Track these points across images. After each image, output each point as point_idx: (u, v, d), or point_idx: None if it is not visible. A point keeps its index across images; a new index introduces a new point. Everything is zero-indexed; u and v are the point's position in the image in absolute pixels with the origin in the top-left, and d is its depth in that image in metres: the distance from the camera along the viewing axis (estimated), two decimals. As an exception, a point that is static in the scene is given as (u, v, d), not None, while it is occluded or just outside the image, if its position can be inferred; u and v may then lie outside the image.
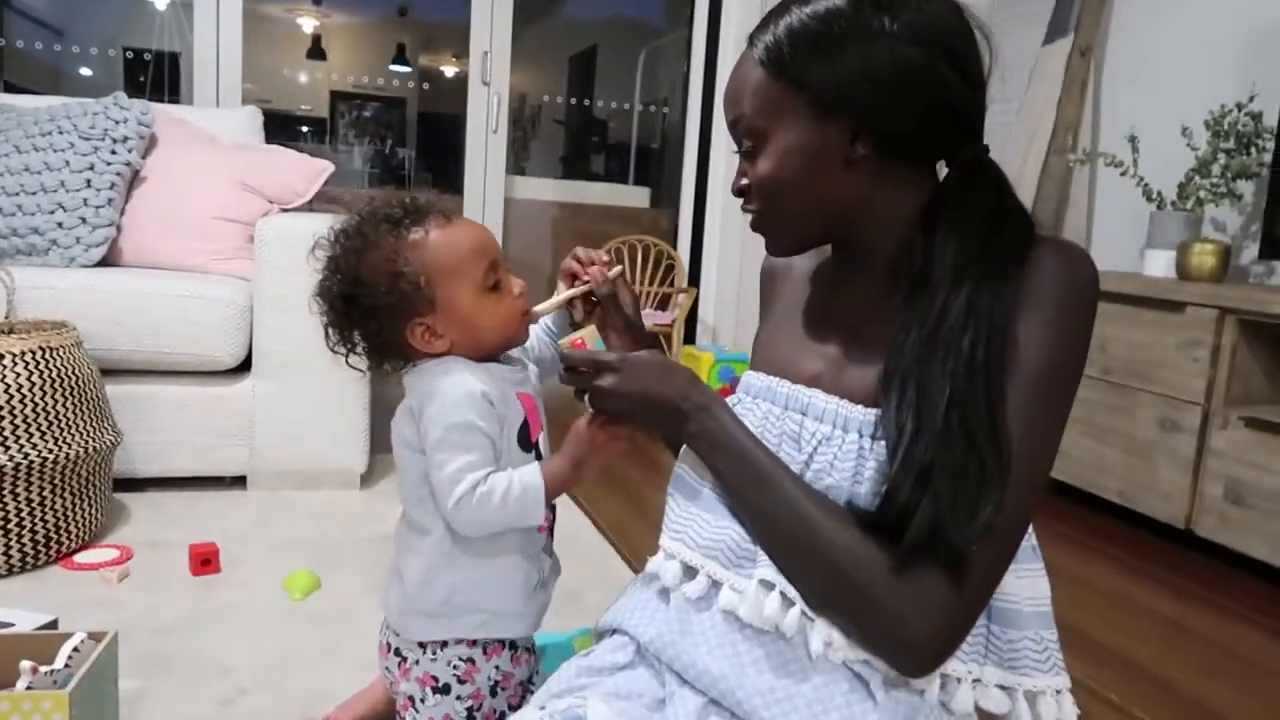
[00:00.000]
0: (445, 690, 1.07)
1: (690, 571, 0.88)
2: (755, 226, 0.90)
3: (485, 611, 1.07)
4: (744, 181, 0.88)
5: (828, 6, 0.80)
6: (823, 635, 0.80)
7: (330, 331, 1.07)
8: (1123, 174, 2.69)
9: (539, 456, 1.09)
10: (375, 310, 1.02)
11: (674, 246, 4.37)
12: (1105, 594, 1.99)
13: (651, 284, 4.25)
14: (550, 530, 1.13)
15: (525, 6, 4.08)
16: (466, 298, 1.03)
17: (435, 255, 1.02)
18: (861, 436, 0.82)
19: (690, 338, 4.27)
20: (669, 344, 4.00)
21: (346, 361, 1.08)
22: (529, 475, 1.01)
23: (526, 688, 1.13)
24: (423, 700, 1.07)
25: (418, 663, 1.07)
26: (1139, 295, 2.37)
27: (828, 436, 0.84)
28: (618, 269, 1.14)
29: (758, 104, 0.83)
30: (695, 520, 0.89)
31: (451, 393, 1.02)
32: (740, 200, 0.90)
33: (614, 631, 0.98)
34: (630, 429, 0.97)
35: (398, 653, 1.09)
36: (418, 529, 1.07)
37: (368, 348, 1.07)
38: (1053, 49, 3.16)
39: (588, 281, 1.13)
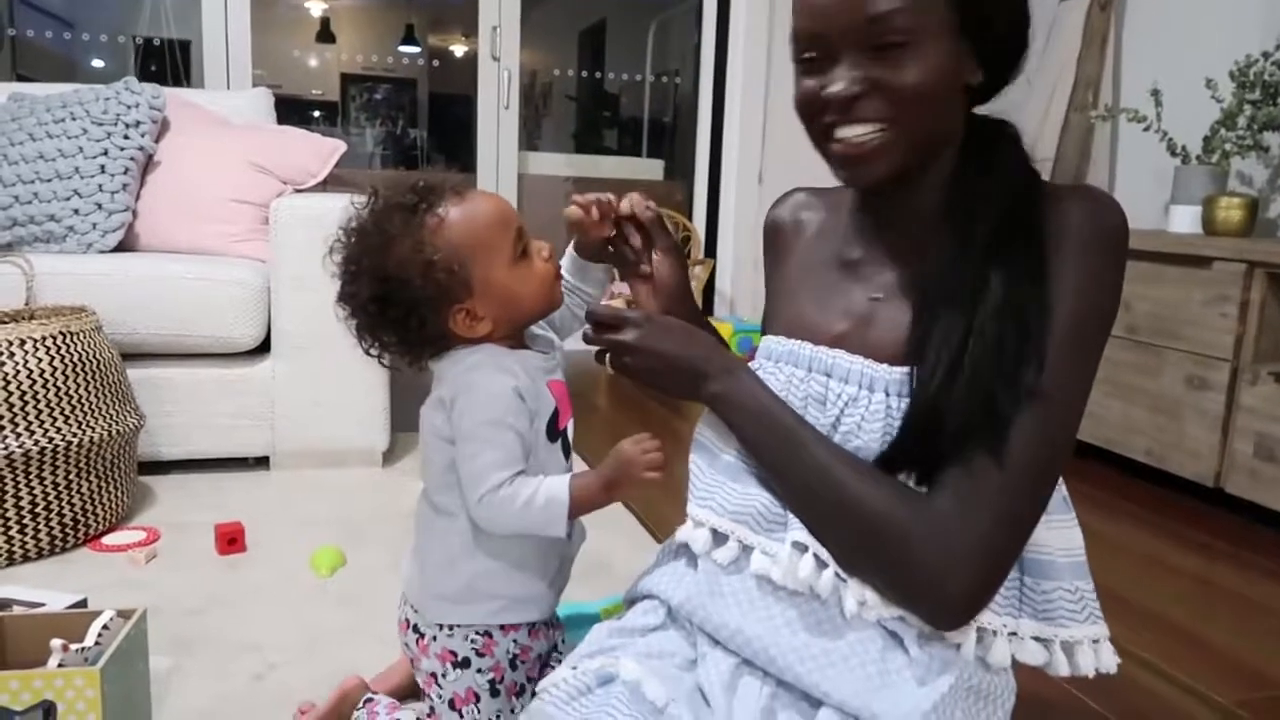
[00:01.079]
0: (465, 664, 1.07)
1: (720, 538, 0.88)
2: (868, 150, 0.80)
3: (505, 598, 1.07)
4: (862, 86, 0.78)
5: None
6: (856, 595, 0.80)
7: (362, 336, 1.03)
8: (1146, 129, 2.64)
9: (566, 445, 1.07)
10: (413, 305, 0.98)
11: (689, 218, 4.35)
12: (1135, 553, 1.97)
13: (668, 257, 4.22)
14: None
15: (534, -19, 4.04)
16: (501, 272, 1.00)
17: (462, 235, 0.99)
18: (889, 396, 0.81)
19: (708, 309, 4.25)
20: (687, 317, 3.97)
21: (380, 362, 1.05)
22: (556, 487, 0.98)
23: (546, 661, 1.13)
24: (444, 676, 1.07)
25: (435, 639, 1.07)
26: (1164, 252, 2.33)
27: (854, 397, 0.83)
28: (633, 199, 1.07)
29: (914, 9, 0.77)
30: (721, 487, 0.89)
31: (486, 388, 0.99)
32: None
33: (644, 597, 0.97)
34: (650, 387, 0.95)
35: (416, 629, 1.09)
36: (443, 514, 1.06)
37: (404, 345, 1.03)
38: (1071, 4, 3.09)
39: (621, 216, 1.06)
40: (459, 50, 5.25)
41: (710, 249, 4.37)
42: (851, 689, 0.78)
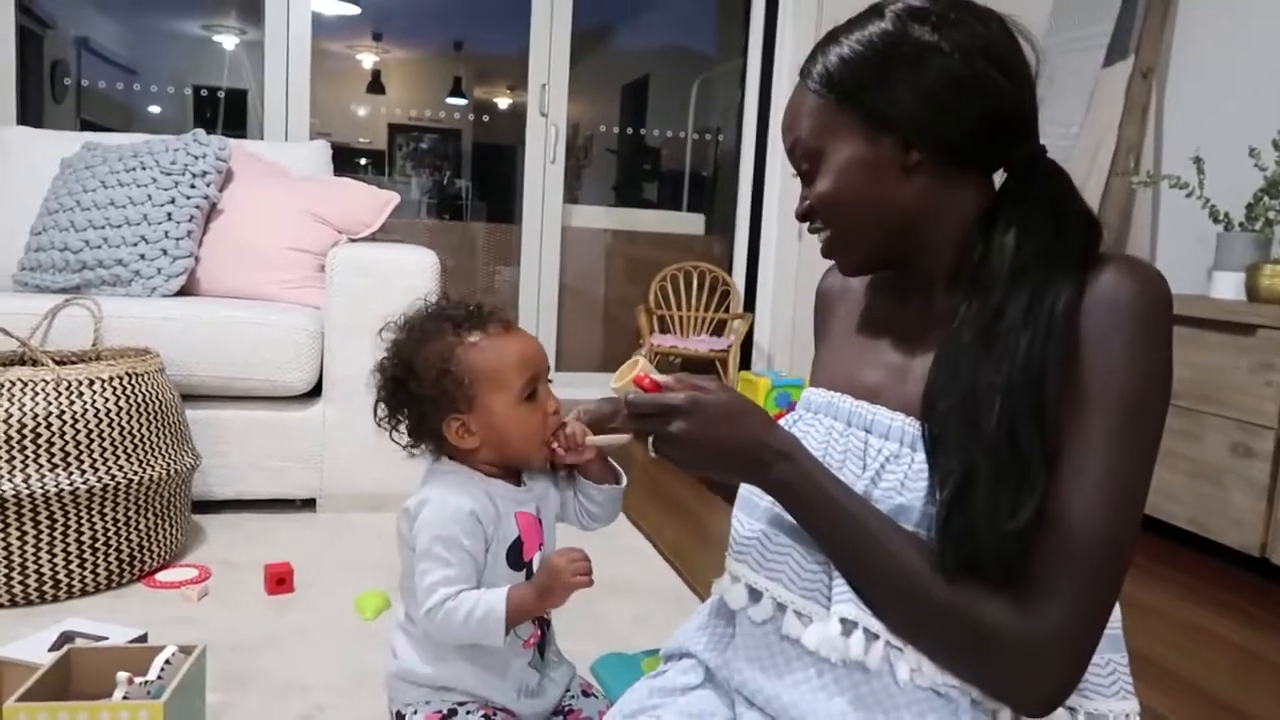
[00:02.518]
0: None
1: (755, 594, 0.88)
2: (825, 250, 0.90)
3: (472, 697, 1.13)
4: (806, 204, 0.88)
5: (873, 29, 0.83)
6: (910, 663, 0.80)
7: (379, 407, 1.15)
8: (1188, 195, 2.66)
9: (530, 575, 1.13)
10: (420, 399, 1.10)
11: (729, 272, 4.39)
12: (1176, 622, 1.95)
13: (707, 310, 4.27)
14: (540, 645, 1.17)
15: (579, 38, 4.16)
16: (501, 405, 1.10)
17: (483, 360, 1.10)
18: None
19: (746, 363, 4.28)
20: (724, 369, 4.01)
21: (390, 436, 1.15)
22: (494, 599, 1.06)
23: None
24: None
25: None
26: (1207, 318, 2.33)
27: (895, 454, 0.83)
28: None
29: (812, 126, 0.85)
30: (757, 540, 0.89)
31: (442, 505, 1.09)
32: (803, 226, 0.91)
33: (683, 655, 0.99)
34: (700, 477, 0.95)
35: (398, 715, 1.16)
36: (409, 618, 1.15)
37: (409, 429, 1.14)
38: (1113, 71, 3.13)
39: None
40: (503, 103, 5.39)
41: (750, 304, 4.41)
42: None
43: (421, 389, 1.10)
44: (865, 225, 0.86)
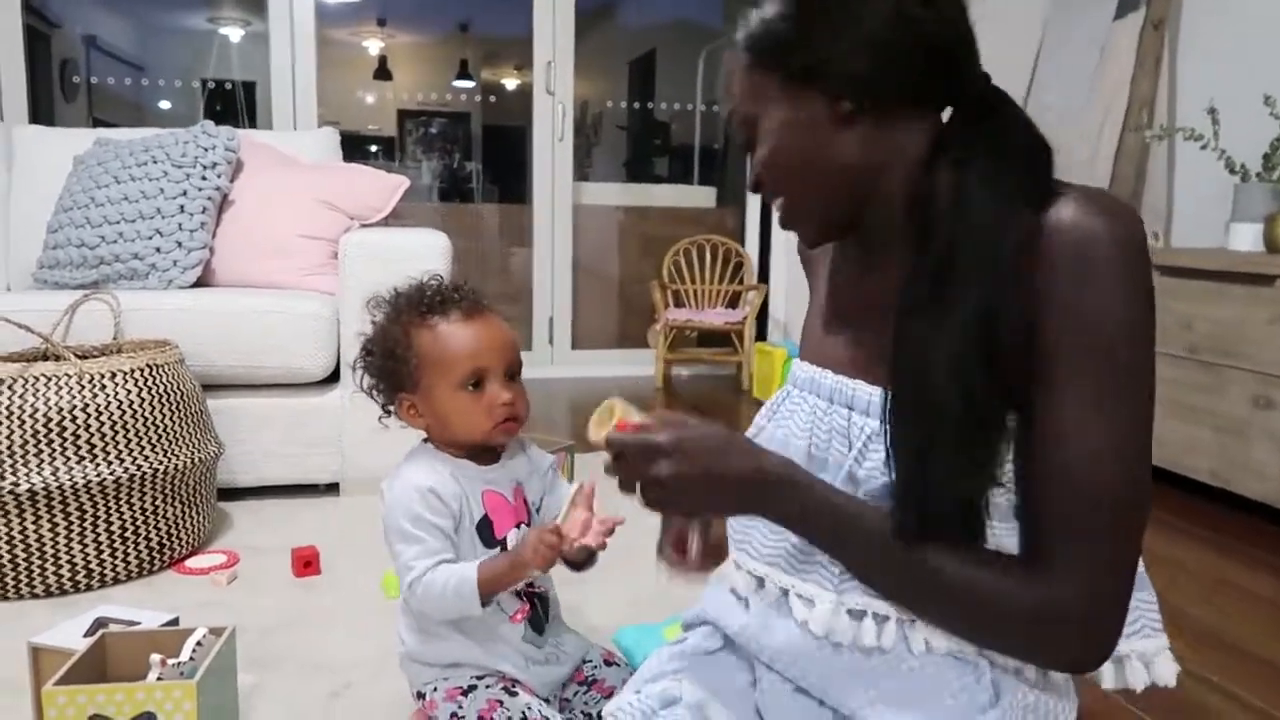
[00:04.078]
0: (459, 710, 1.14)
1: (759, 580, 0.88)
2: (782, 221, 0.87)
3: (484, 670, 1.16)
4: (755, 174, 0.85)
5: None
6: (924, 634, 0.80)
7: (354, 367, 1.21)
8: (1203, 147, 2.62)
9: (505, 552, 1.14)
10: (377, 372, 1.17)
11: (742, 244, 4.39)
12: (1200, 576, 1.94)
13: (721, 282, 4.27)
14: (534, 620, 1.18)
15: (583, 16, 4.14)
16: (442, 391, 1.13)
17: (430, 345, 1.13)
18: None
19: (762, 334, 4.28)
20: (740, 341, 4.01)
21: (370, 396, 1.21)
22: (468, 570, 1.09)
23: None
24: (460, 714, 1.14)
25: (427, 697, 1.17)
26: (1226, 270, 2.30)
27: (876, 431, 0.80)
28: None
29: (741, 93, 0.83)
30: (755, 529, 0.88)
31: (402, 485, 1.14)
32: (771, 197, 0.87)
33: (702, 622, 1.00)
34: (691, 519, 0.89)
35: (419, 694, 1.19)
36: (406, 600, 1.17)
37: (380, 402, 1.20)
38: (1124, 24, 3.09)
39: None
40: (511, 84, 5.37)
41: (763, 275, 4.40)
42: None
43: (378, 365, 1.17)
44: (812, 188, 0.82)
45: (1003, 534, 0.76)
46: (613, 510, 1.07)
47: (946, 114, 0.80)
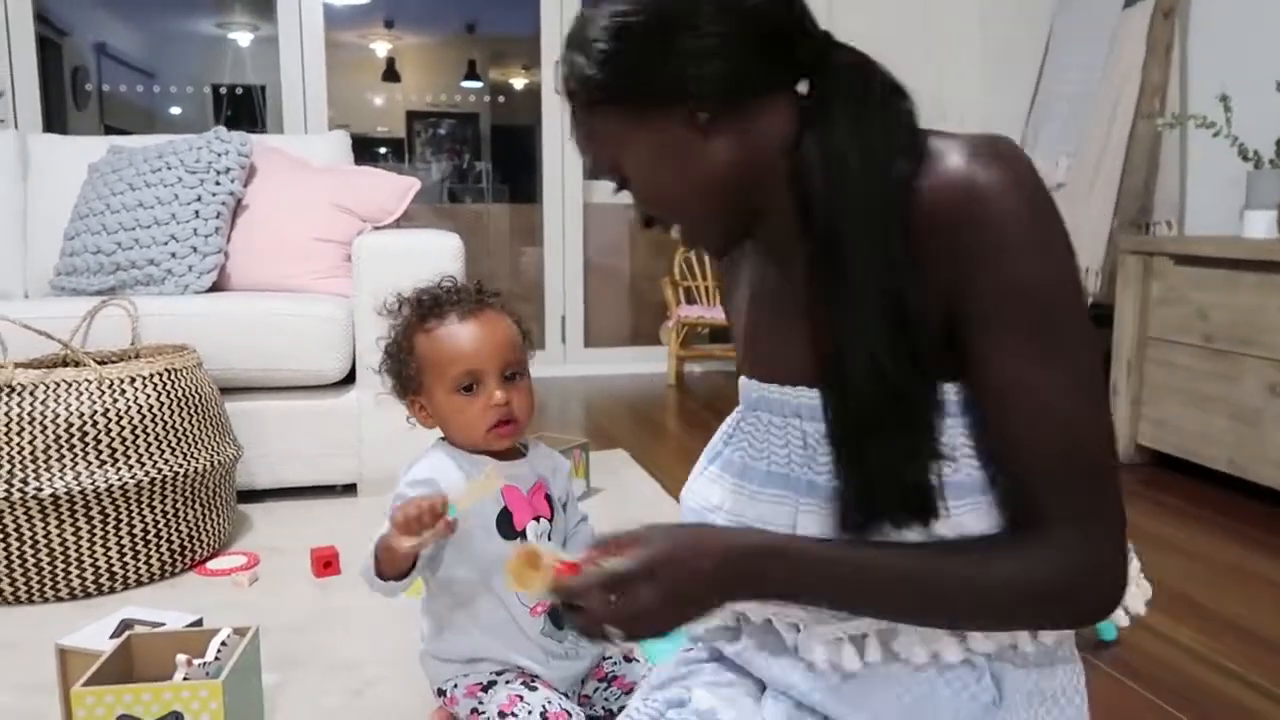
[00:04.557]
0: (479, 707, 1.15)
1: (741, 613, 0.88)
2: (684, 243, 0.87)
3: (503, 664, 1.17)
4: (642, 212, 0.84)
5: (583, 24, 0.78)
6: (908, 646, 0.79)
7: (379, 375, 1.22)
8: (1215, 135, 2.61)
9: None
10: (389, 376, 1.20)
11: (752, 240, 4.37)
12: (1217, 564, 1.94)
13: (731, 279, 4.26)
14: (553, 613, 1.17)
15: (592, 13, 4.14)
16: (438, 394, 1.15)
17: (428, 348, 1.15)
18: None
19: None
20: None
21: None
22: (376, 539, 1.11)
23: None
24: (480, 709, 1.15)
25: (447, 694, 1.20)
26: (1240, 258, 2.29)
27: (824, 434, 0.78)
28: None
29: (596, 139, 0.80)
30: None
31: (407, 475, 1.16)
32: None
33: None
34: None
35: (440, 691, 1.21)
36: (429, 596, 1.21)
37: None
38: (1133, 12, 3.08)
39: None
40: (519, 83, 5.38)
41: (773, 269, 4.39)
42: None
43: (388, 367, 1.19)
44: (699, 208, 0.80)
45: (962, 511, 0.75)
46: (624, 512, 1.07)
47: (804, 86, 0.78)
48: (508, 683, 1.15)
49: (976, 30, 3.93)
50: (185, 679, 1.13)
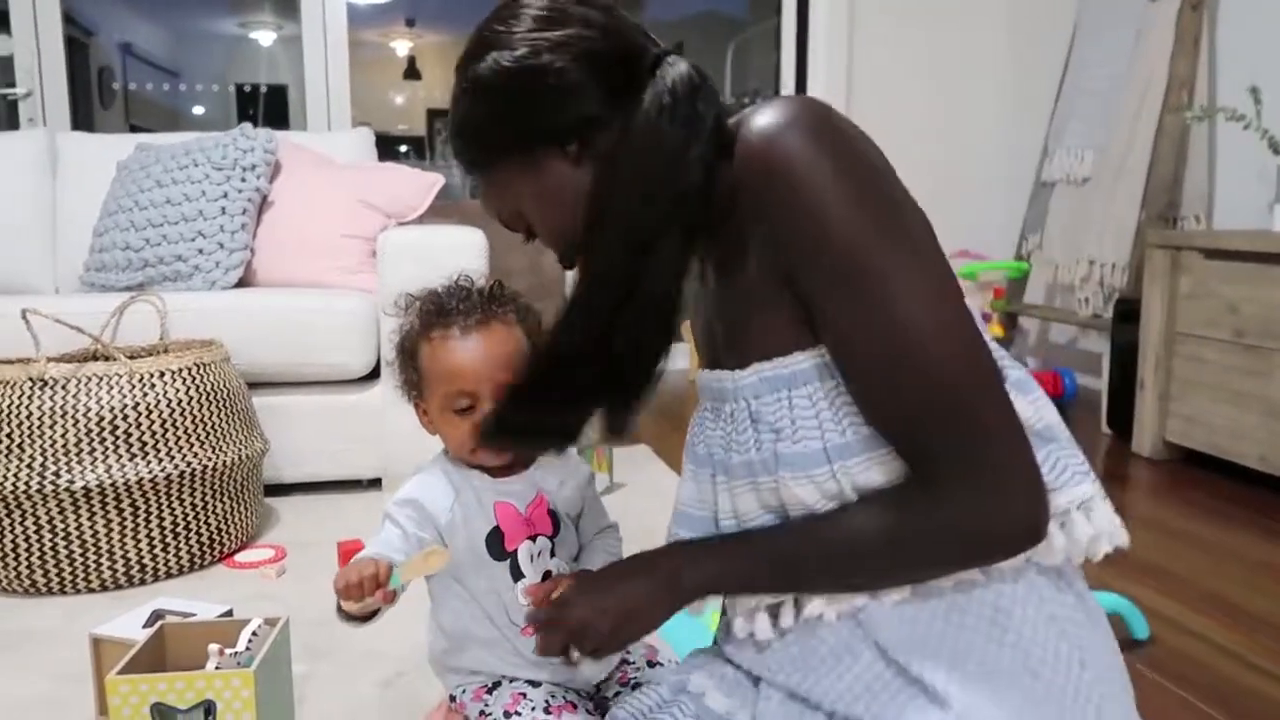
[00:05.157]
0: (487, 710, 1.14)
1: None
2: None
3: (500, 676, 1.16)
4: (559, 256, 0.91)
5: (455, 100, 0.87)
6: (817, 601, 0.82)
7: (392, 365, 1.20)
8: (1245, 128, 2.58)
9: (515, 565, 1.13)
10: (399, 375, 1.17)
11: (773, 236, 4.37)
12: (1249, 561, 1.92)
13: (753, 275, 4.26)
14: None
15: (612, 10, 4.14)
16: (434, 408, 1.12)
17: (429, 360, 1.12)
18: (755, 399, 0.82)
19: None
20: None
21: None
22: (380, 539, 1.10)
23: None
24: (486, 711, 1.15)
25: (455, 699, 1.19)
26: (1270, 252, 2.27)
27: (742, 413, 0.83)
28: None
29: (493, 199, 0.90)
30: None
31: (397, 494, 1.14)
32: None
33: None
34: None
35: (452, 698, 1.20)
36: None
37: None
38: (1160, 5, 3.04)
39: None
40: (540, 81, 5.39)
41: (795, 265, 4.39)
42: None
43: (399, 367, 1.17)
44: (601, 230, 0.83)
45: (862, 468, 0.77)
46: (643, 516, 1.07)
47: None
48: (511, 682, 1.14)
49: (1002, 25, 3.90)
50: (217, 668, 1.14)
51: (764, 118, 0.75)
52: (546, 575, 1.13)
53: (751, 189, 0.75)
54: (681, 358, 4.15)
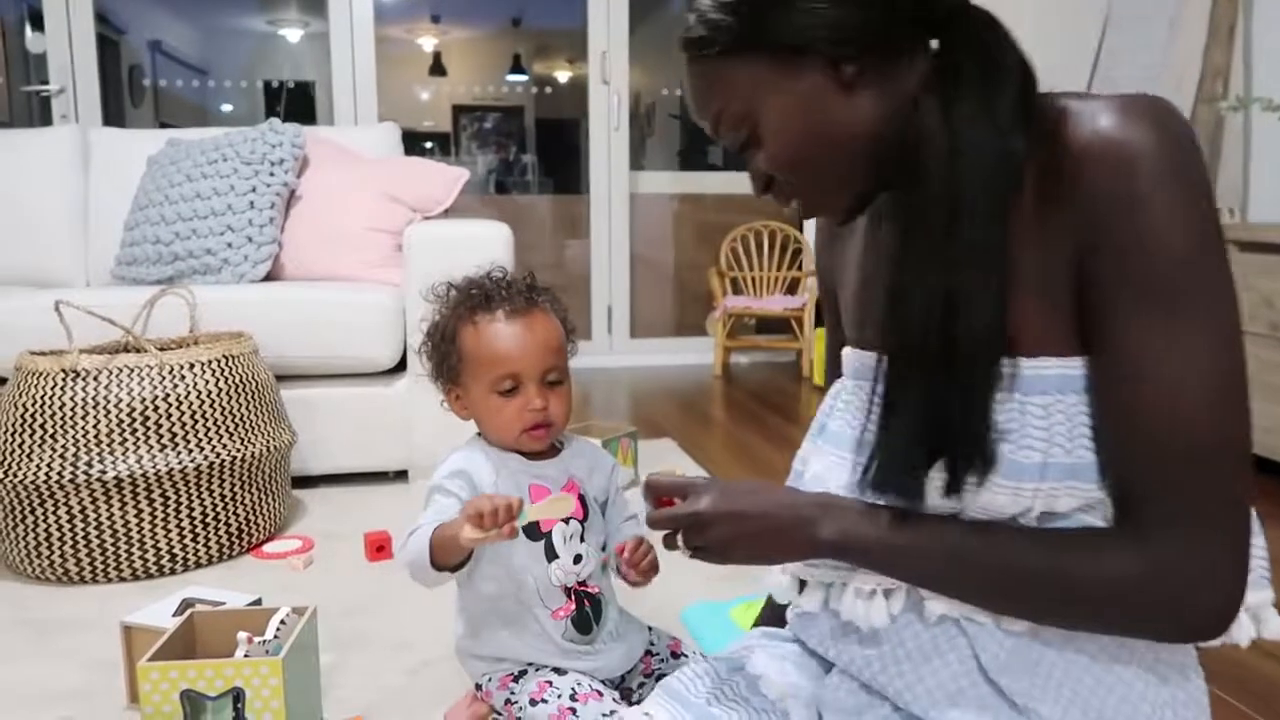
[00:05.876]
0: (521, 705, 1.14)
1: (801, 582, 0.88)
2: (805, 212, 0.82)
3: (525, 663, 1.16)
4: (762, 176, 0.79)
5: None
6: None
7: (420, 358, 1.21)
8: (1281, 118, 2.53)
9: (550, 546, 1.14)
10: (430, 362, 1.18)
11: (800, 229, 4.35)
12: (1287, 559, 1.88)
13: (779, 269, 4.25)
14: (577, 619, 1.15)
15: (636, 7, 4.14)
16: (476, 390, 1.13)
17: (470, 343, 1.13)
18: None
19: (821, 320, 4.23)
20: (800, 327, 3.98)
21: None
22: (429, 527, 1.07)
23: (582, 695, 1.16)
24: (516, 703, 1.15)
25: (481, 687, 1.20)
26: (1308, 244, 2.23)
27: None
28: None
29: (727, 90, 0.75)
30: None
31: (443, 467, 1.15)
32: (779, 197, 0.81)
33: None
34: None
35: (477, 685, 1.21)
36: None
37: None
38: (1194, -7, 2.99)
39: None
40: (564, 76, 5.39)
41: (821, 260, 4.36)
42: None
43: (431, 354, 1.17)
44: (833, 170, 0.76)
45: (1058, 495, 0.70)
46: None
47: (935, 43, 0.75)
48: (537, 670, 1.15)
49: (1030, 17, 3.85)
50: (246, 656, 1.15)
51: (1121, 108, 0.67)
52: (577, 559, 1.15)
53: (1089, 171, 0.67)
54: (707, 352, 4.14)
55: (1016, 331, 0.70)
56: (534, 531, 1.14)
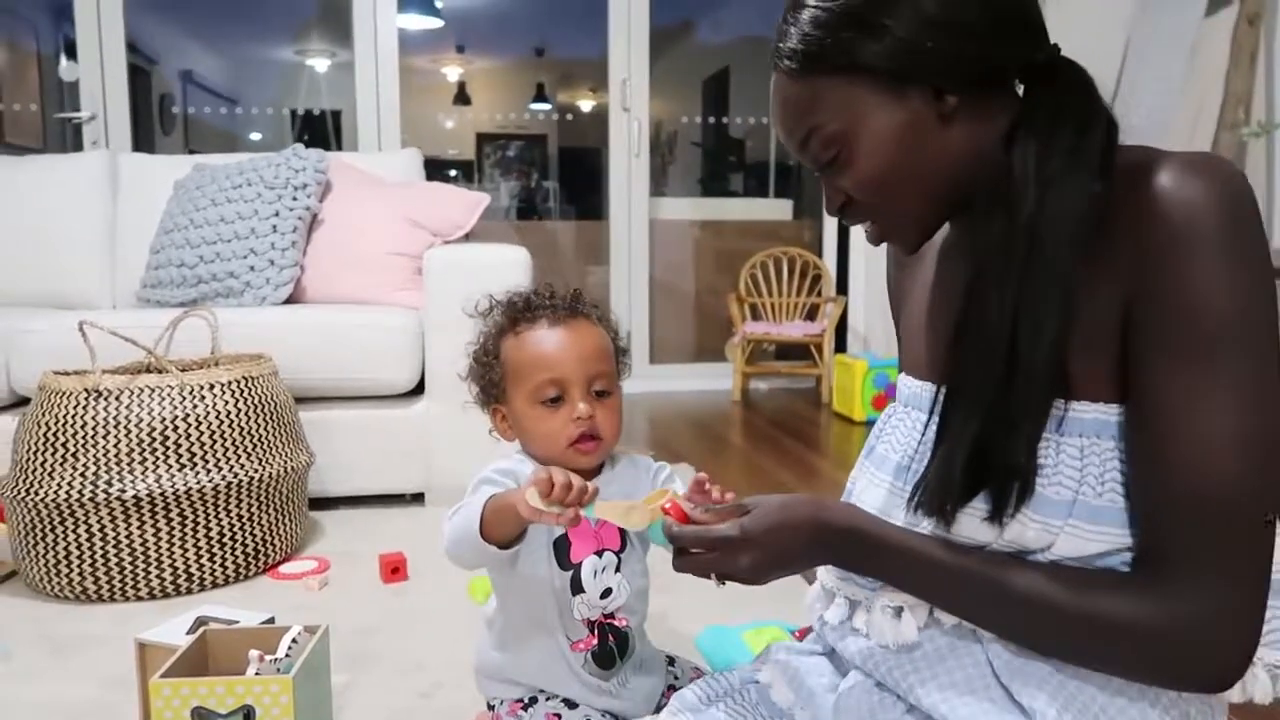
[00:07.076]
0: None
1: (829, 594, 0.89)
2: (876, 236, 0.82)
3: (539, 690, 1.14)
4: (841, 197, 0.80)
5: None
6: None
7: (470, 385, 1.17)
8: (1305, 143, 2.51)
9: (577, 578, 1.09)
10: (478, 380, 1.14)
11: (819, 256, 4.35)
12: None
13: (799, 295, 4.24)
14: (598, 653, 1.12)
15: (657, 36, 4.19)
16: (519, 403, 1.09)
17: (512, 355, 1.10)
18: None
19: (841, 346, 4.23)
20: (820, 353, 3.97)
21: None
22: (482, 500, 1.01)
23: None
24: None
25: (494, 709, 1.18)
26: (1333, 270, 2.20)
27: None
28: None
29: (821, 109, 0.75)
30: None
31: (491, 466, 1.10)
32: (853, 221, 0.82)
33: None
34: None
35: (489, 705, 1.20)
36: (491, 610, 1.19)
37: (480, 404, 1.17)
38: (1216, 20, 2.99)
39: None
40: (586, 105, 5.44)
41: (842, 286, 4.36)
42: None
43: (475, 374, 1.14)
44: (915, 197, 0.77)
45: (1030, 527, 0.72)
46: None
47: (1020, 88, 0.77)
48: (548, 700, 1.13)
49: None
50: (257, 674, 1.15)
51: (1183, 164, 0.69)
52: (607, 592, 1.11)
53: (1145, 221, 0.68)
54: (726, 378, 4.13)
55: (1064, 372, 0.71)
56: (564, 560, 1.09)
